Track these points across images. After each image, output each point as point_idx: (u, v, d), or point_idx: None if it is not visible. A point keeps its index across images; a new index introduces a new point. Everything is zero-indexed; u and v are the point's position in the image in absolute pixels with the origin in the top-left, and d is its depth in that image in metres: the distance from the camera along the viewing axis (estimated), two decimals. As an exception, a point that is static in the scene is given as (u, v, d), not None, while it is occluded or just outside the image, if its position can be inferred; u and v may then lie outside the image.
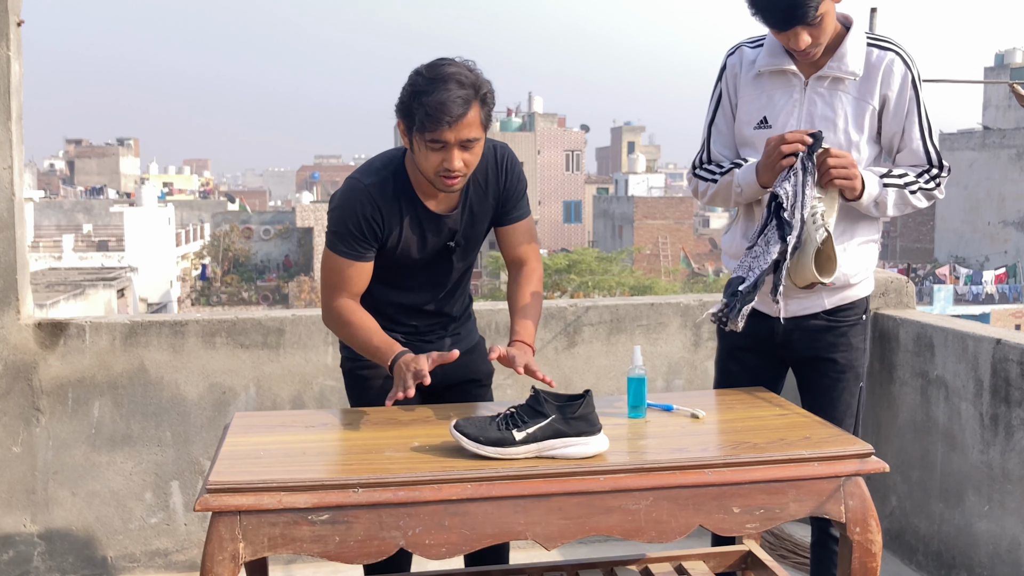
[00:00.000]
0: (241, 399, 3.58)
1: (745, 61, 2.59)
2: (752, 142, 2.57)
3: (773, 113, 2.53)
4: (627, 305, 3.88)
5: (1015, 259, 33.67)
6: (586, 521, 1.99)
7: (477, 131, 2.27)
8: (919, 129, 2.51)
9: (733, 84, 2.61)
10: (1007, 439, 3.11)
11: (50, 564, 3.50)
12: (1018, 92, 4.55)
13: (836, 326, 2.59)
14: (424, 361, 2.26)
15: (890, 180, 2.48)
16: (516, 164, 2.51)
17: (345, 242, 2.39)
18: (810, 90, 2.50)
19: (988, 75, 42.45)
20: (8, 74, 3.29)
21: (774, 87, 2.54)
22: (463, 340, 2.62)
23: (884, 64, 2.48)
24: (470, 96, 2.23)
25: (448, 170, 2.26)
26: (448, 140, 2.23)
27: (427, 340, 2.55)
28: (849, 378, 2.61)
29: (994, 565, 3.17)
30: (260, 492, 1.90)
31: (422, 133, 2.24)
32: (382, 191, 2.38)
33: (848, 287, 2.58)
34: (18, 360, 3.40)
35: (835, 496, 2.08)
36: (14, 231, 3.35)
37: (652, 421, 2.34)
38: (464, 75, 2.24)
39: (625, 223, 47.63)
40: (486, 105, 2.29)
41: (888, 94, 2.48)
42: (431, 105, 2.20)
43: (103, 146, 77.20)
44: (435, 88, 2.21)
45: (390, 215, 2.38)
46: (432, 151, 2.25)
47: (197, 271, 40.40)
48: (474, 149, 2.29)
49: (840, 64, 2.47)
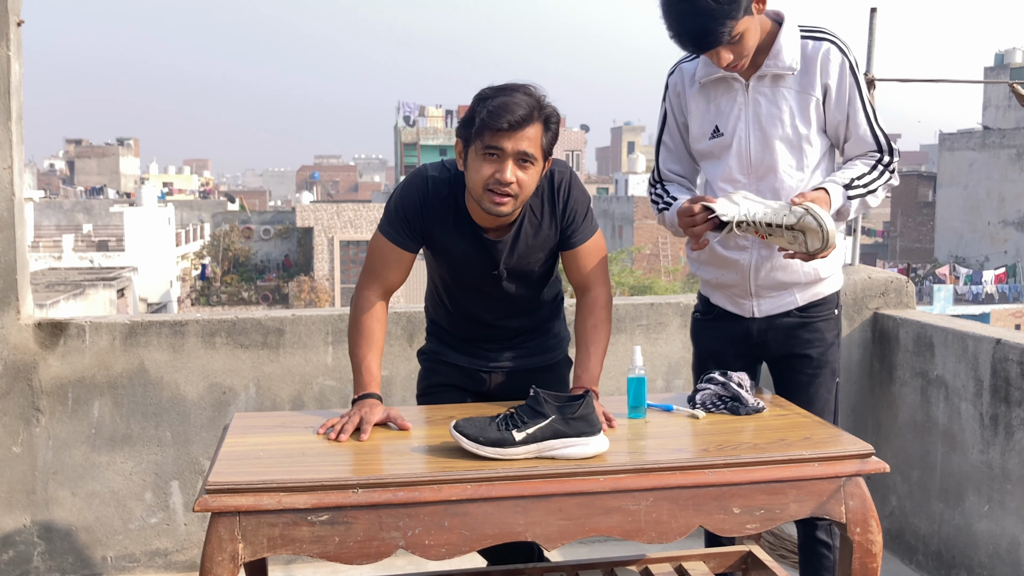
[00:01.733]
0: (241, 399, 3.58)
1: (686, 77, 2.61)
2: (711, 154, 2.59)
3: (723, 121, 2.54)
4: (627, 305, 3.87)
5: (1015, 259, 33.66)
6: (586, 521, 1.99)
7: (535, 149, 2.22)
8: (863, 115, 2.51)
9: (678, 103, 2.63)
10: (1007, 439, 3.10)
11: (50, 564, 3.49)
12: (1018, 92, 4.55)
13: (810, 322, 2.62)
14: (376, 416, 2.23)
15: (854, 192, 2.48)
16: (576, 184, 2.41)
17: (390, 222, 2.40)
18: (752, 91, 2.51)
19: (988, 75, 42.44)
20: (8, 74, 3.29)
21: (718, 95, 2.55)
22: (530, 356, 2.59)
23: (820, 54, 2.48)
24: (534, 107, 2.21)
25: (499, 182, 2.20)
26: (505, 147, 2.19)
27: (485, 348, 2.56)
28: (825, 373, 2.64)
29: (994, 565, 3.17)
30: (259, 492, 1.89)
31: (481, 136, 2.20)
32: (437, 191, 2.36)
33: (819, 282, 2.60)
34: (18, 360, 3.40)
35: (835, 496, 2.08)
36: (14, 231, 3.35)
37: (652, 421, 2.34)
38: (532, 90, 2.24)
39: (625, 223, 47.63)
40: (549, 129, 2.25)
41: (828, 83, 2.49)
42: (494, 105, 2.18)
43: (103, 146, 77.19)
44: (501, 94, 2.21)
45: (434, 215, 2.37)
46: (487, 161, 2.21)
47: (197, 271, 40.37)
48: (529, 170, 2.23)
49: (776, 61, 2.47)
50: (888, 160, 2.54)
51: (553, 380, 2.61)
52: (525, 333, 2.58)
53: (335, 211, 39.46)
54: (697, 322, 2.78)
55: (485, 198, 2.24)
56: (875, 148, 2.54)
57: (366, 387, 2.32)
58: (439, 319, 2.62)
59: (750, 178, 2.53)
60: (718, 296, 2.67)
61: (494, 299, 2.48)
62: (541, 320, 2.60)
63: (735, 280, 2.59)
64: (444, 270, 2.47)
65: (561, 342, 2.66)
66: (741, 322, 2.63)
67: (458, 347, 2.59)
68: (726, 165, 2.55)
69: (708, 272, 2.66)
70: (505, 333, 2.56)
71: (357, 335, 2.39)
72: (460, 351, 2.59)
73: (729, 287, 2.62)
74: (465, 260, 2.41)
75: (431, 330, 2.67)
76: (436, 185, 2.37)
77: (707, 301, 2.72)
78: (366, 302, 2.40)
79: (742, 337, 2.65)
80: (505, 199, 2.22)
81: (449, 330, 2.60)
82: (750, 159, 2.52)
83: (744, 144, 2.52)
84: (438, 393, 2.59)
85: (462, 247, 2.39)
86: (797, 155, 2.52)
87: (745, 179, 2.53)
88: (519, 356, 2.57)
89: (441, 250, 2.42)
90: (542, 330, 2.61)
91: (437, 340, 2.64)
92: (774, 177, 2.51)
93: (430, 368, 2.64)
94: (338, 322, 3.63)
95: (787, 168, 2.51)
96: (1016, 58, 43.01)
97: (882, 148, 2.54)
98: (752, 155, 2.51)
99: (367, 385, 2.32)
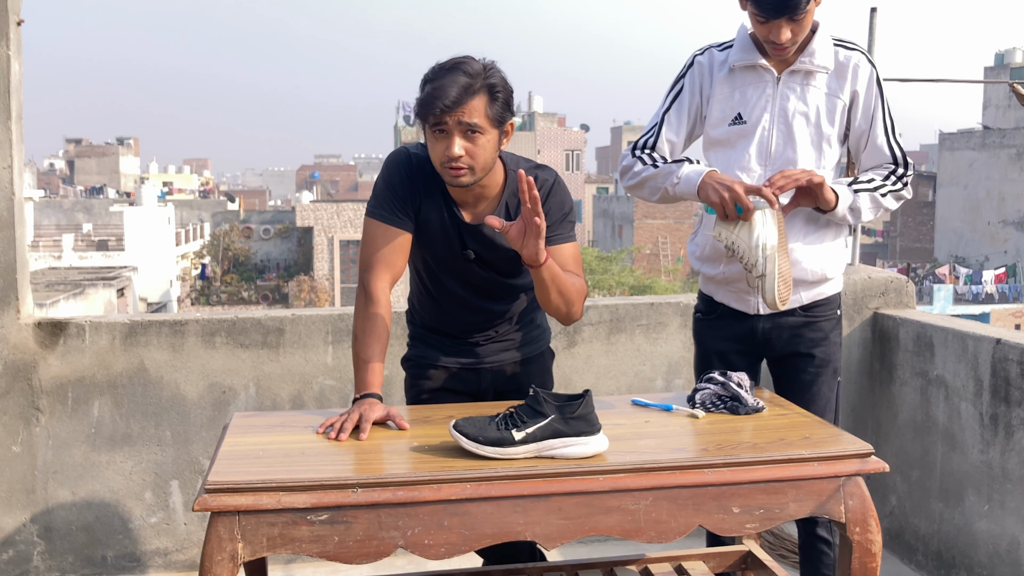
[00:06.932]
0: (241, 399, 3.58)
1: (716, 61, 2.62)
2: (726, 141, 2.60)
3: (747, 109, 2.56)
4: (627, 305, 3.87)
5: (1015, 259, 33.67)
6: (586, 521, 1.99)
7: (480, 119, 2.25)
8: (883, 127, 2.56)
9: (700, 82, 2.63)
10: (1007, 439, 3.10)
11: (50, 564, 3.49)
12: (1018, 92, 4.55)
13: (814, 321, 2.64)
14: (375, 415, 2.23)
15: (860, 186, 2.54)
16: (556, 192, 2.44)
17: (382, 203, 2.40)
18: (782, 85, 2.54)
19: (988, 75, 42.46)
20: (8, 74, 3.29)
21: (746, 83, 2.57)
22: (517, 347, 2.60)
23: (852, 63, 2.54)
24: (473, 84, 2.24)
25: (449, 158, 2.25)
26: (447, 123, 2.23)
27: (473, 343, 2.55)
28: (828, 372, 2.66)
29: (994, 565, 3.17)
30: (259, 492, 1.89)
31: (425, 118, 2.26)
32: (420, 166, 2.40)
33: (824, 282, 2.63)
34: (18, 359, 3.40)
35: (835, 496, 2.08)
36: (14, 231, 3.35)
37: (652, 421, 2.34)
38: (472, 66, 2.26)
39: (625, 223, 47.64)
40: (495, 99, 2.27)
41: (858, 90, 2.54)
42: (430, 90, 2.23)
43: (103, 146, 77.22)
44: (440, 75, 2.25)
45: (420, 189, 2.39)
46: (437, 139, 2.27)
47: (197, 271, 40.38)
48: (478, 140, 2.27)
49: (811, 59, 2.51)
50: (902, 172, 2.58)
51: (539, 371, 2.64)
52: (510, 322, 2.58)
53: (335, 211, 39.48)
54: (699, 321, 2.78)
55: (444, 173, 2.31)
56: (890, 160, 2.58)
57: (368, 387, 2.31)
58: (426, 317, 2.60)
59: (766, 169, 2.55)
60: (723, 293, 2.67)
61: (473, 279, 2.48)
62: (523, 308, 2.61)
63: (741, 275, 2.59)
64: (425, 250, 2.47)
65: (544, 333, 2.69)
66: (746, 320, 2.64)
67: (446, 348, 2.57)
68: (745, 154, 2.56)
69: (713, 268, 2.66)
70: (490, 319, 2.55)
71: (361, 332, 2.37)
72: (448, 352, 2.57)
73: (734, 282, 2.63)
74: (441, 237, 2.42)
75: (416, 335, 2.64)
76: (419, 161, 2.41)
77: (710, 300, 2.72)
78: (369, 296, 2.38)
79: (746, 335, 2.65)
80: (460, 170, 2.28)
81: (436, 327, 2.58)
82: (770, 150, 2.54)
83: (767, 135, 2.54)
84: (429, 401, 2.57)
85: (439, 223, 2.41)
86: (816, 153, 2.56)
87: (761, 170, 2.55)
88: (506, 349, 2.58)
89: (424, 226, 2.42)
90: (526, 320, 2.62)
91: (424, 344, 2.61)
92: None
93: (418, 375, 2.61)
94: (338, 322, 3.63)
95: (805, 164, 2.54)
96: (1016, 58, 43.02)
97: (897, 161, 2.58)
98: (774, 147, 2.54)
99: (369, 385, 2.31)
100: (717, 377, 2.43)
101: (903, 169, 2.58)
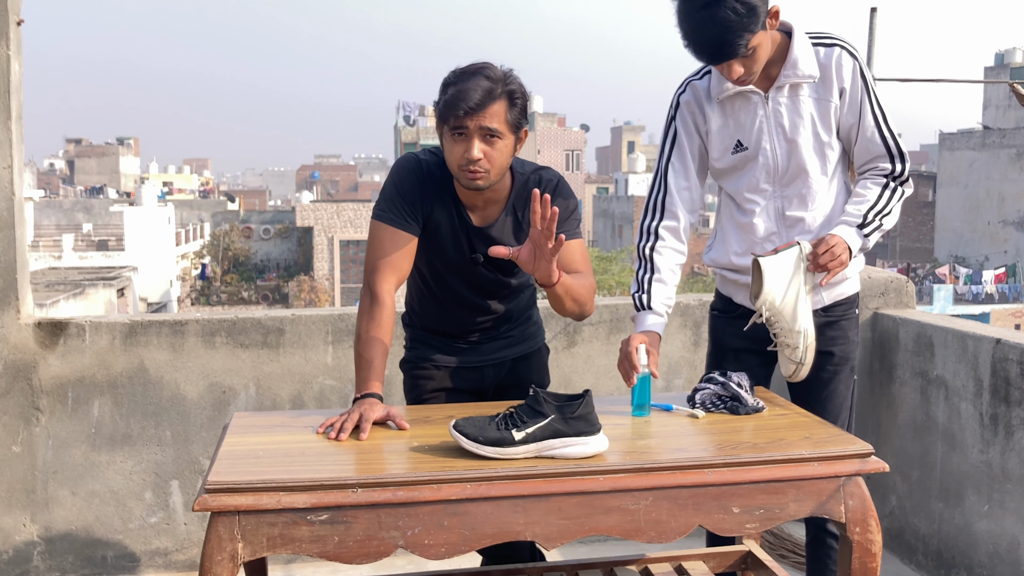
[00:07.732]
0: (241, 399, 3.58)
1: (702, 93, 2.58)
2: (734, 168, 2.58)
3: (744, 134, 2.54)
4: (627, 305, 3.87)
5: (1015, 259, 33.67)
6: (586, 521, 1.99)
7: (500, 124, 2.28)
8: (873, 117, 2.51)
9: (694, 121, 2.59)
10: (1007, 439, 3.10)
11: (50, 564, 3.50)
12: (1018, 92, 4.55)
13: (834, 320, 2.64)
14: (375, 414, 2.22)
15: (869, 228, 2.50)
16: (560, 192, 2.46)
17: (390, 207, 2.42)
18: (772, 103, 2.50)
19: (988, 75, 42.45)
20: (8, 74, 3.29)
21: (736, 110, 2.54)
22: (515, 344, 2.62)
23: (833, 59, 2.49)
24: (495, 89, 2.27)
25: (468, 160, 2.28)
26: (468, 127, 2.26)
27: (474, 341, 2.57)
28: (846, 370, 2.66)
29: (994, 565, 3.17)
30: (259, 492, 1.89)
31: (446, 120, 2.28)
32: (430, 171, 2.43)
33: (844, 281, 2.63)
34: (18, 359, 3.40)
35: (835, 496, 2.08)
36: (14, 231, 3.35)
37: (652, 421, 2.34)
38: (494, 72, 2.30)
39: (625, 223, 47.63)
40: (514, 105, 2.31)
41: (844, 87, 2.50)
42: (453, 92, 2.26)
43: (103, 146, 77.21)
44: (461, 80, 2.28)
45: (430, 194, 2.42)
46: (456, 141, 2.29)
47: (197, 271, 40.37)
48: (497, 144, 2.30)
49: (795, 71, 2.47)
50: (899, 171, 2.53)
51: (536, 367, 2.67)
52: (510, 320, 2.60)
53: (335, 211, 39.48)
54: (717, 318, 2.76)
55: (460, 176, 2.33)
56: (884, 153, 2.53)
57: (369, 387, 2.31)
58: (427, 318, 2.60)
59: (776, 186, 2.55)
60: (743, 295, 2.65)
61: (479, 280, 2.50)
62: (522, 306, 2.63)
63: None
64: (433, 254, 2.48)
65: (539, 329, 2.71)
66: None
67: (447, 348, 2.58)
68: (752, 176, 2.56)
69: (734, 273, 2.66)
70: (493, 318, 2.56)
71: (365, 333, 2.37)
72: (450, 352, 2.57)
73: None
74: (451, 241, 2.45)
75: (416, 336, 2.64)
76: (429, 166, 2.44)
77: (729, 300, 2.71)
78: (375, 298, 2.38)
79: (765, 334, 2.61)
80: (478, 173, 2.31)
81: (437, 328, 2.59)
82: (777, 167, 2.53)
83: (771, 154, 2.53)
84: (432, 401, 2.58)
85: (448, 228, 2.44)
86: (821, 160, 2.54)
87: (771, 187, 2.55)
88: (506, 346, 2.60)
89: (434, 230, 2.44)
90: (523, 318, 2.65)
91: (424, 346, 2.61)
92: (801, 183, 2.54)
93: (419, 375, 2.61)
94: (338, 322, 3.63)
95: (814, 173, 2.53)
96: (1016, 58, 43.01)
97: (892, 154, 2.53)
98: (779, 164, 2.53)
99: (370, 385, 2.31)
100: (717, 377, 2.43)
101: (900, 165, 2.53)
